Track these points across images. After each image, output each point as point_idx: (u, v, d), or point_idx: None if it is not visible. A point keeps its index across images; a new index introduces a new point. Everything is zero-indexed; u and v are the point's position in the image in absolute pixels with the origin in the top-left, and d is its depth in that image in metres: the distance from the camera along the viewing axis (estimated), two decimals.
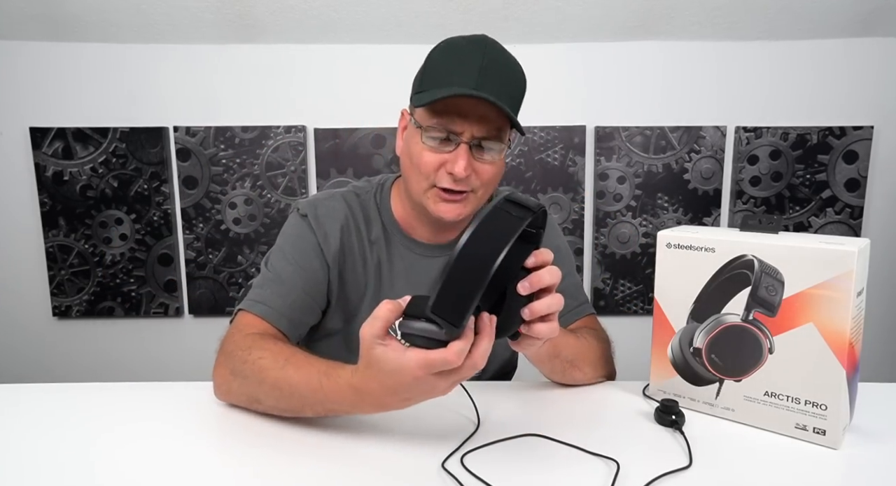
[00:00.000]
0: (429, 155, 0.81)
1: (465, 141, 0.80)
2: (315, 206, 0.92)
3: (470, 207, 0.85)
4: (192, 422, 0.74)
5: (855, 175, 2.02)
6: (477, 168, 0.82)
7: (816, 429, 0.67)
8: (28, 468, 0.63)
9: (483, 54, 0.79)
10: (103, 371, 2.16)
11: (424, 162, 0.81)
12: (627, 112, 2.03)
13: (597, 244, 2.08)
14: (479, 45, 0.80)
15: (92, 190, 2.06)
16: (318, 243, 0.89)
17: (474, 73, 0.77)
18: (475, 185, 0.83)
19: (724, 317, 0.71)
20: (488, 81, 0.77)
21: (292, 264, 0.88)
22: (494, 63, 0.80)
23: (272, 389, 0.70)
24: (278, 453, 0.66)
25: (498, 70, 0.79)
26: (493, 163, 0.83)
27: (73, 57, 2.00)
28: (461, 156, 0.79)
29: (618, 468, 0.61)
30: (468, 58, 0.79)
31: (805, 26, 1.93)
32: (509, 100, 0.79)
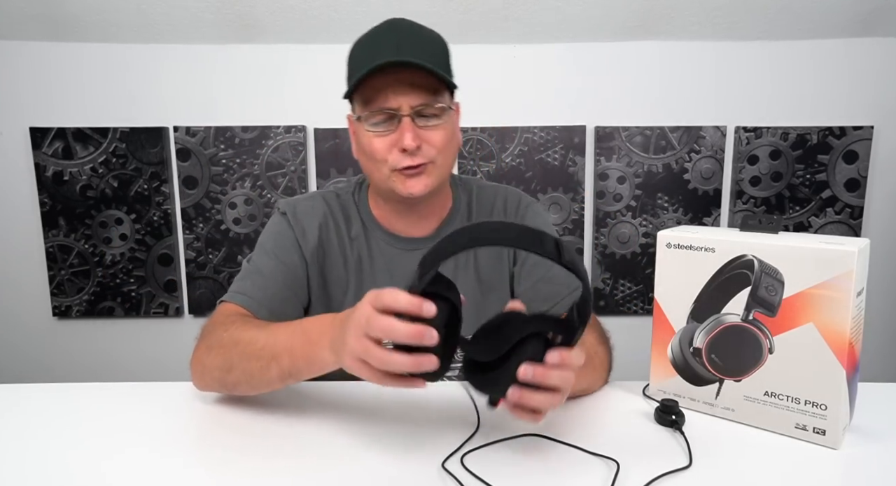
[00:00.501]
0: (377, 141, 0.83)
1: (406, 114, 0.81)
2: (294, 205, 0.95)
3: (434, 177, 0.85)
4: (192, 422, 0.74)
5: (855, 175, 2.02)
6: (426, 137, 0.83)
7: (816, 429, 0.67)
8: (28, 468, 0.63)
9: (393, 30, 0.83)
10: (103, 371, 2.16)
11: (376, 149, 0.83)
12: (627, 112, 2.03)
13: (597, 244, 2.08)
14: (388, 25, 0.84)
15: (92, 190, 2.06)
16: (296, 238, 0.92)
17: (391, 46, 0.80)
18: (430, 154, 0.84)
19: (724, 317, 0.71)
20: (406, 50, 0.79)
21: (272, 258, 0.90)
22: (408, 34, 0.82)
23: (243, 350, 0.72)
24: (278, 453, 0.66)
25: (413, 39, 0.82)
26: (441, 127, 0.84)
27: (74, 57, 2.00)
28: (405, 129, 0.80)
29: (618, 468, 0.61)
30: (381, 37, 0.83)
31: (805, 26, 1.93)
32: (433, 60, 0.80)
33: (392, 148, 0.82)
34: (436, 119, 0.83)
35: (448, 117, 0.85)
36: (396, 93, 0.80)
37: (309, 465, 0.63)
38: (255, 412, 0.75)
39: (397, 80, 0.79)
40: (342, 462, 0.63)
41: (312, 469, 0.62)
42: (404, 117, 0.81)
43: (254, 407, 0.77)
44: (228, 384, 0.75)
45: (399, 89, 0.80)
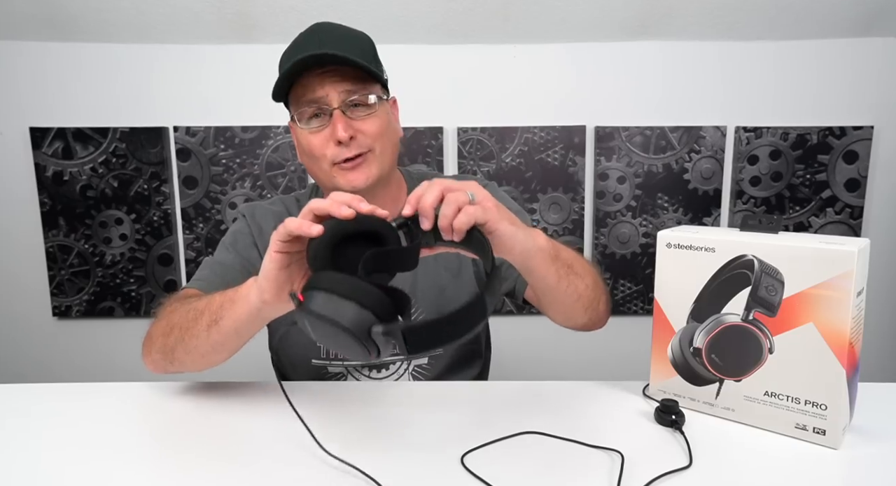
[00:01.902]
0: (313, 138, 0.85)
1: (336, 106, 0.83)
2: (253, 208, 1.01)
3: (374, 166, 0.87)
4: (192, 422, 0.74)
5: (855, 175, 2.02)
6: (359, 127, 0.85)
7: (816, 429, 0.67)
8: (28, 468, 0.63)
9: (316, 30, 0.86)
10: (103, 371, 2.16)
11: (313, 146, 0.85)
12: (627, 112, 2.03)
13: (597, 244, 2.08)
14: (312, 27, 0.88)
15: (92, 190, 2.06)
16: (252, 235, 0.97)
17: (314, 44, 0.83)
18: (366, 143, 0.85)
19: (724, 317, 0.71)
20: (328, 45, 0.82)
21: (231, 252, 0.95)
22: (330, 32, 0.86)
23: (183, 312, 0.76)
24: (271, 454, 0.66)
25: (335, 36, 0.85)
26: (374, 116, 0.86)
27: (73, 57, 2.00)
28: (337, 120, 0.83)
29: (623, 460, 0.61)
30: (304, 38, 0.87)
31: (805, 26, 1.93)
32: (357, 54, 0.82)
33: (328, 142, 0.84)
34: (367, 109, 0.86)
35: (381, 108, 0.87)
36: (323, 84, 0.83)
37: (308, 466, 0.63)
38: (255, 412, 0.75)
39: (324, 73, 0.83)
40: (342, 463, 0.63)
41: (312, 469, 0.62)
42: (335, 110, 0.83)
43: (254, 407, 0.77)
44: (167, 349, 0.77)
45: (326, 82, 0.83)
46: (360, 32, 0.90)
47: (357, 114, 0.85)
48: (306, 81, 0.84)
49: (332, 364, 0.95)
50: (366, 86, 0.85)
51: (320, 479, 0.60)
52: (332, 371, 0.95)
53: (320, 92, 0.83)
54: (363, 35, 0.90)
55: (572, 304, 0.82)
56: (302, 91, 0.84)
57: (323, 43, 0.83)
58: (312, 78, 0.83)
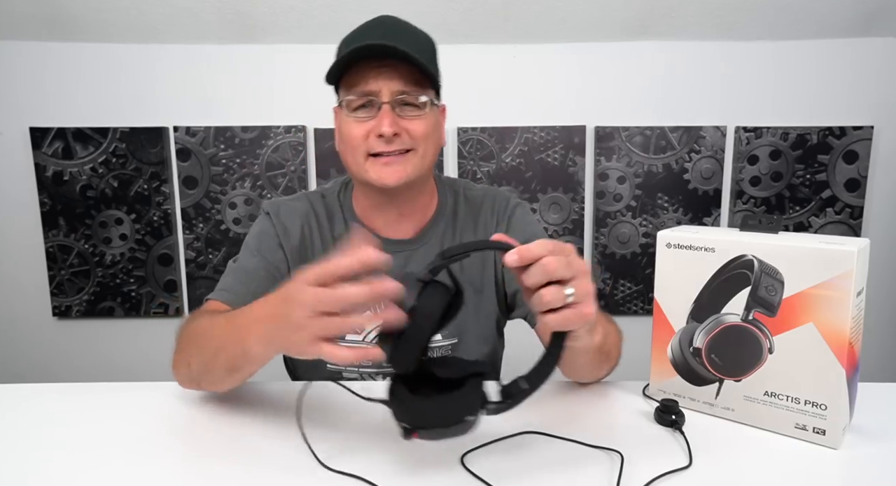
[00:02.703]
0: (355, 127, 0.83)
1: (386, 100, 0.81)
2: (278, 205, 0.96)
3: (411, 166, 0.84)
4: (192, 422, 0.74)
5: (855, 175, 2.02)
6: (406, 125, 0.82)
7: (816, 429, 0.67)
8: (28, 468, 0.63)
9: (383, 24, 0.83)
10: (103, 371, 2.16)
11: (353, 135, 0.83)
12: (627, 112, 2.03)
13: (597, 244, 2.08)
14: (378, 20, 0.85)
15: (92, 190, 2.06)
16: (278, 235, 0.92)
17: (377, 35, 0.81)
18: (409, 143, 0.83)
19: (724, 317, 0.71)
20: (391, 37, 0.79)
21: (255, 255, 0.91)
22: (396, 26, 0.84)
23: (198, 344, 0.72)
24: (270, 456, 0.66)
25: (400, 31, 0.83)
26: (422, 117, 0.83)
27: (73, 57, 2.00)
28: (384, 115, 0.81)
29: (622, 460, 0.61)
30: (368, 27, 0.84)
31: (805, 26, 1.93)
32: (419, 53, 0.80)
33: (369, 134, 0.82)
34: (416, 109, 0.83)
35: (431, 112, 0.85)
36: (378, 77, 0.80)
37: (309, 466, 0.63)
38: (255, 412, 0.75)
39: (381, 65, 0.80)
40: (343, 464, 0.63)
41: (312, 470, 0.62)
42: (384, 104, 0.81)
43: (254, 407, 0.77)
44: (192, 378, 0.75)
45: (381, 74, 0.80)
46: (424, 32, 0.87)
47: (406, 112, 0.83)
48: (362, 71, 0.81)
49: (347, 370, 0.94)
50: (420, 86, 0.83)
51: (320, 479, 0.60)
52: (347, 377, 0.94)
53: (373, 85, 0.80)
54: (427, 36, 0.87)
55: (587, 377, 0.83)
56: (355, 80, 0.82)
57: (386, 35, 0.80)
58: (368, 69, 0.80)
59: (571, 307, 0.54)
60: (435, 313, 0.53)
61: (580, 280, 0.55)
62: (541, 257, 0.53)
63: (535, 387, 0.57)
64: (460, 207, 0.97)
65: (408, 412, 0.56)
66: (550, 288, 0.54)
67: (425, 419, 0.55)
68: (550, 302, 0.53)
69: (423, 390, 0.56)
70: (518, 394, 0.57)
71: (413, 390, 0.56)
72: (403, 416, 0.56)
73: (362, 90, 0.81)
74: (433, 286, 0.54)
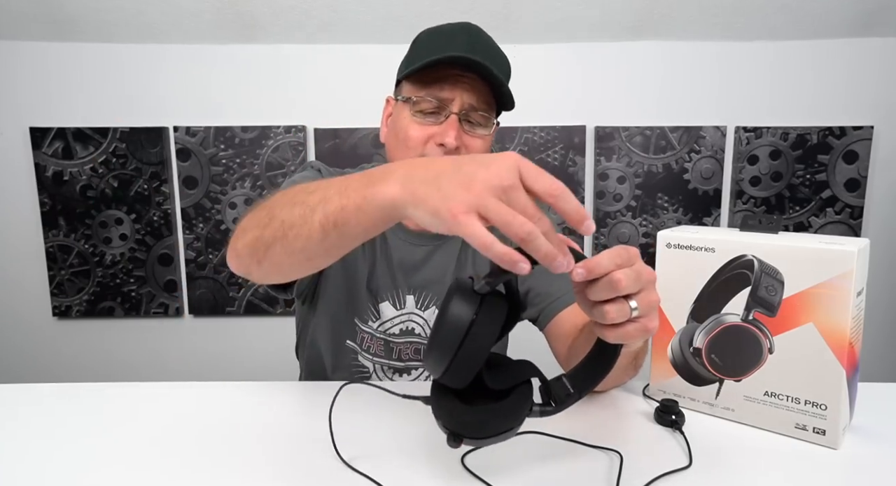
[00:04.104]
0: (416, 128, 0.81)
1: (455, 111, 0.80)
2: (325, 168, 0.93)
3: None
4: (192, 422, 0.74)
5: (855, 175, 2.02)
6: (466, 142, 0.81)
7: (816, 429, 0.66)
8: (28, 468, 0.63)
9: (469, 33, 0.82)
10: (103, 371, 2.16)
11: (412, 136, 0.81)
12: (627, 112, 2.03)
13: (597, 244, 2.08)
14: (464, 27, 0.83)
15: (92, 190, 2.06)
16: None
17: (463, 45, 0.79)
18: None
19: (724, 317, 0.71)
20: (479, 51, 0.78)
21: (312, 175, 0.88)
22: (481, 39, 0.82)
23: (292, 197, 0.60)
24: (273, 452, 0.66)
25: (485, 46, 0.81)
26: (483, 138, 0.82)
27: (73, 57, 2.00)
28: (451, 126, 0.79)
29: (621, 460, 0.61)
30: (456, 36, 0.82)
31: (805, 26, 1.93)
32: (500, 71, 0.79)
33: (429, 140, 0.81)
34: (481, 129, 0.82)
35: (490, 132, 0.84)
36: (455, 87, 0.79)
37: (309, 466, 0.63)
38: (255, 412, 0.75)
39: (461, 76, 0.79)
40: (340, 466, 0.63)
41: (313, 470, 0.62)
42: (453, 114, 0.79)
43: (254, 407, 0.77)
44: (262, 245, 0.62)
45: (459, 85, 0.79)
46: (503, 53, 0.85)
47: (470, 129, 0.81)
48: (440, 75, 0.79)
49: (362, 354, 0.94)
50: (489, 106, 0.82)
51: (320, 479, 0.60)
52: (361, 362, 0.94)
53: (448, 93, 0.79)
54: (506, 56, 0.85)
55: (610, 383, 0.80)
56: (431, 81, 0.79)
57: (475, 48, 0.79)
58: (449, 75, 0.79)
59: (634, 322, 0.50)
60: (495, 330, 0.49)
61: (647, 292, 0.51)
62: (609, 272, 0.48)
63: (582, 393, 0.54)
64: None
65: (459, 422, 0.52)
66: (615, 304, 0.49)
67: (478, 430, 0.52)
68: (614, 319, 0.49)
69: (473, 397, 0.53)
70: (565, 399, 0.54)
71: (461, 397, 0.53)
72: (453, 424, 0.52)
73: (437, 95, 0.80)
74: (494, 300, 0.49)
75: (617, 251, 0.49)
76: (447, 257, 0.94)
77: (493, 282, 0.48)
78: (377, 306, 0.93)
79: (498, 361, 0.56)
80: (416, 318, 0.94)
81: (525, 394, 0.54)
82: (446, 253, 0.94)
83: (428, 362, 0.51)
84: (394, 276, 0.93)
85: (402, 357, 0.94)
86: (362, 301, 0.93)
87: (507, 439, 0.53)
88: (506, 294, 0.51)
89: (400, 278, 0.93)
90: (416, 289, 0.93)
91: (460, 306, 0.48)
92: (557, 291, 0.88)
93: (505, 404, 0.53)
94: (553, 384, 0.56)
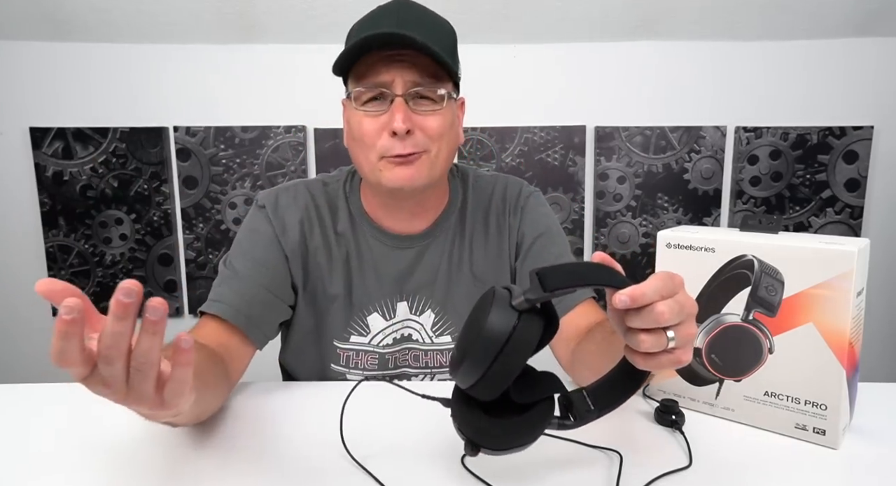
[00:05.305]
0: (367, 122, 0.76)
1: (399, 93, 0.74)
2: (276, 197, 0.88)
3: (426, 169, 0.78)
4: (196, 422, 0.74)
5: (855, 175, 2.02)
6: (419, 122, 0.76)
7: (816, 429, 0.66)
8: (28, 469, 0.63)
9: (399, 9, 0.77)
10: None
11: (365, 131, 0.76)
12: (627, 112, 2.03)
13: (597, 244, 2.08)
14: (393, 4, 0.78)
15: (92, 190, 2.06)
16: (275, 234, 0.85)
17: (392, 21, 0.74)
18: (423, 142, 0.76)
19: (724, 317, 0.71)
20: (408, 26, 0.73)
21: (249, 259, 0.83)
22: (413, 12, 0.77)
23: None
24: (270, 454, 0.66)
25: (417, 18, 0.77)
26: (438, 114, 0.77)
27: (74, 57, 2.00)
28: (397, 110, 0.74)
29: (621, 460, 0.61)
30: (383, 12, 0.77)
31: (805, 26, 1.93)
32: (437, 43, 0.73)
33: (382, 131, 0.76)
34: (432, 104, 0.77)
35: (448, 107, 0.79)
36: (391, 68, 0.74)
37: (308, 469, 0.63)
38: (255, 412, 0.75)
39: (395, 56, 0.74)
40: (341, 467, 0.63)
41: (311, 472, 0.62)
42: (397, 97, 0.75)
43: (254, 407, 0.77)
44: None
45: (395, 65, 0.74)
46: (443, 20, 0.80)
47: (421, 107, 0.76)
48: (373, 61, 0.74)
49: (351, 372, 0.90)
50: (437, 79, 0.76)
51: (319, 476, 0.60)
52: (351, 379, 0.90)
53: (386, 76, 0.74)
54: (447, 24, 0.80)
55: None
56: (366, 70, 0.75)
57: (402, 23, 0.73)
58: (381, 58, 0.74)
59: (669, 353, 0.49)
60: (531, 348, 0.48)
61: (686, 325, 0.49)
62: (653, 302, 0.47)
63: (601, 413, 0.54)
64: (469, 197, 0.92)
65: (480, 432, 0.52)
66: (653, 335, 0.48)
67: (498, 442, 0.52)
68: (650, 348, 0.48)
69: (495, 407, 0.52)
70: (585, 415, 0.54)
71: (483, 407, 0.53)
72: (473, 433, 0.52)
73: (373, 81, 0.75)
74: (531, 317, 0.48)
75: (662, 280, 0.48)
76: (437, 257, 0.90)
77: (535, 300, 0.47)
78: (365, 319, 0.89)
79: (524, 372, 0.55)
80: (412, 324, 0.90)
81: (547, 410, 0.53)
82: (435, 252, 0.90)
83: (456, 372, 0.50)
84: (382, 285, 0.88)
85: (399, 365, 0.91)
86: (338, 321, 0.89)
87: (523, 450, 0.53)
88: (543, 312, 0.50)
89: (389, 287, 0.89)
90: (409, 294, 0.89)
91: (497, 321, 0.47)
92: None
93: (527, 418, 0.52)
94: (574, 397, 0.55)
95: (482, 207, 0.92)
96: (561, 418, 0.54)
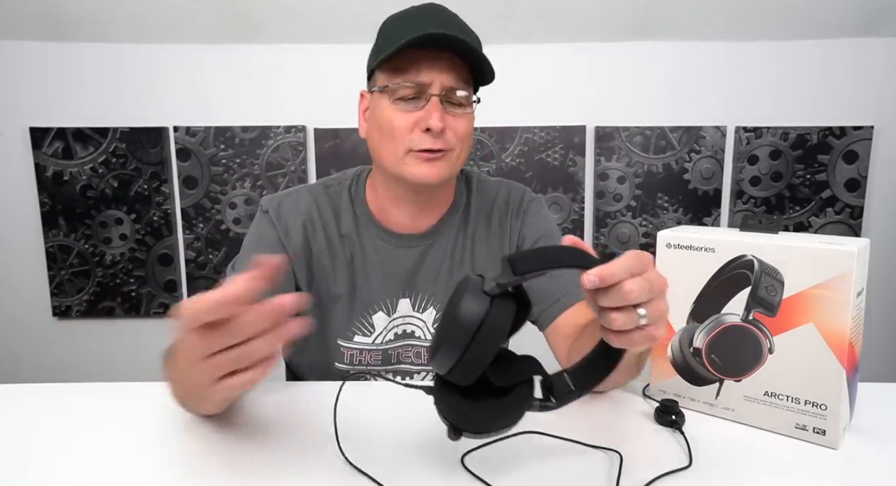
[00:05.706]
0: (400, 117, 0.78)
1: (436, 93, 0.77)
2: (279, 201, 0.90)
3: (449, 167, 0.81)
4: (193, 422, 0.74)
5: (855, 175, 2.02)
6: (451, 123, 0.79)
7: (816, 429, 0.66)
8: (27, 469, 0.63)
9: (435, 11, 0.80)
10: (103, 371, 2.16)
11: (396, 126, 0.78)
12: (627, 112, 2.03)
13: (597, 244, 2.08)
14: (429, 6, 0.82)
15: (92, 190, 2.06)
16: (279, 238, 0.87)
17: (434, 22, 0.77)
18: (452, 142, 0.80)
19: (724, 317, 0.71)
20: (452, 28, 0.76)
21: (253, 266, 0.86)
22: (448, 16, 0.81)
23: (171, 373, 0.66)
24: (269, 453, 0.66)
25: (456, 22, 0.80)
26: (466, 117, 0.81)
27: (73, 57, 2.00)
28: (434, 108, 0.77)
29: (621, 460, 0.61)
30: (421, 13, 0.80)
31: (805, 26, 1.93)
32: (477, 45, 0.78)
33: (414, 127, 0.78)
34: (462, 108, 0.81)
35: (472, 111, 0.83)
36: (431, 69, 0.76)
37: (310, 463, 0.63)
38: (255, 413, 0.75)
39: (435, 56, 0.77)
40: (341, 467, 0.63)
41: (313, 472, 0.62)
42: (433, 96, 0.77)
43: (251, 407, 0.77)
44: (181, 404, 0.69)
45: (435, 66, 0.76)
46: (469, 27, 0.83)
47: (452, 109, 0.80)
48: (414, 57, 0.76)
49: (355, 368, 0.91)
50: (467, 84, 0.80)
51: (319, 477, 0.60)
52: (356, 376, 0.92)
53: (426, 76, 0.76)
54: (474, 32, 0.83)
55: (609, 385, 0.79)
56: (405, 66, 0.77)
57: (446, 25, 0.76)
58: (422, 57, 0.76)
59: (641, 330, 0.50)
60: (504, 332, 0.49)
61: (657, 301, 0.50)
62: (621, 280, 0.48)
63: (582, 392, 0.55)
64: (473, 201, 0.95)
65: (460, 416, 0.53)
66: (624, 312, 0.49)
67: (478, 425, 0.53)
68: (621, 326, 0.49)
69: (476, 392, 0.53)
70: (566, 396, 0.55)
71: (463, 391, 0.53)
72: (454, 418, 0.53)
73: (413, 79, 0.77)
74: (504, 302, 0.48)
75: (631, 259, 0.49)
76: (440, 255, 0.92)
77: (506, 285, 0.48)
78: (370, 318, 0.90)
79: (502, 356, 0.56)
80: (413, 321, 0.91)
81: (526, 392, 0.54)
82: (439, 251, 0.91)
83: (433, 359, 0.51)
84: (386, 283, 0.90)
85: (401, 360, 0.92)
86: (342, 321, 0.90)
87: (506, 432, 0.54)
88: (515, 296, 0.50)
89: (394, 285, 0.90)
90: (412, 292, 0.91)
91: (470, 307, 0.47)
92: (558, 291, 0.87)
93: (506, 401, 0.53)
94: (555, 379, 0.56)
95: (485, 209, 0.95)
96: (543, 400, 0.55)
